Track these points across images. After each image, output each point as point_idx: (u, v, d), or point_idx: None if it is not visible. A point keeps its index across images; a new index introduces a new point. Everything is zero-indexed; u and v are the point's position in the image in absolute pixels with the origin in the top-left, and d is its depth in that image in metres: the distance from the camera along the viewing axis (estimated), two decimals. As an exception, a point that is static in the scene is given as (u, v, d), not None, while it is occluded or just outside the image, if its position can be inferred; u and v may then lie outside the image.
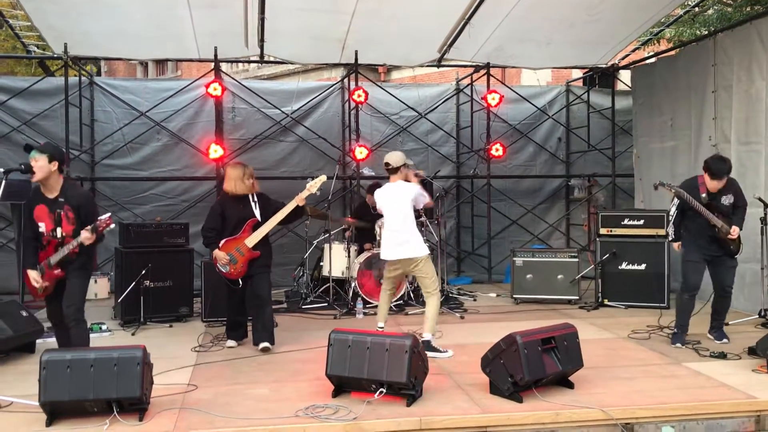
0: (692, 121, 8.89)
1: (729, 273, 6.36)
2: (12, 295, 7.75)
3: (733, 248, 6.28)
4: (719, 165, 6.11)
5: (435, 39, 9.64)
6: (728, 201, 6.23)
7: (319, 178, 6.45)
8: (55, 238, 5.12)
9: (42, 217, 5.14)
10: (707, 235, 6.21)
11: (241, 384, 5.21)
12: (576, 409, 4.55)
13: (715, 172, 6.09)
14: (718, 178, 6.10)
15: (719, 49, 8.38)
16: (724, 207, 6.22)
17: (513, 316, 7.84)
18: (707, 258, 6.29)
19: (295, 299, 8.76)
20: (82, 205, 5.15)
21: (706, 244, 6.24)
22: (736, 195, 6.27)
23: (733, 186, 6.30)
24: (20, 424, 4.33)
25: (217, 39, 9.17)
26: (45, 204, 5.14)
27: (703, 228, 6.20)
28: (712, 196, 6.19)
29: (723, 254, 6.28)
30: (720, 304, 6.46)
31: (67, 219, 5.10)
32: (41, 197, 5.16)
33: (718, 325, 6.47)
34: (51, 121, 9.75)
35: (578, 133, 11.42)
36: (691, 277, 6.29)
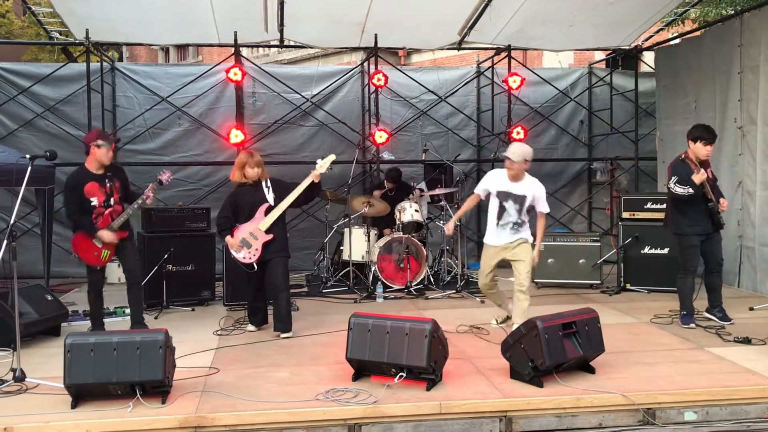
0: (717, 103, 8.74)
1: (719, 247, 6.53)
2: (37, 279, 7.86)
3: (722, 222, 6.44)
4: (708, 130, 6.38)
5: (455, 22, 9.54)
6: (711, 175, 6.40)
7: (328, 157, 6.44)
8: (108, 207, 5.98)
9: (94, 192, 5.95)
10: (705, 213, 6.32)
11: (262, 367, 5.25)
12: (597, 394, 4.53)
13: (707, 137, 6.30)
14: (711, 143, 6.31)
15: (746, 28, 8.21)
16: (710, 181, 6.37)
17: (534, 300, 7.69)
18: (702, 238, 6.40)
19: (316, 283, 8.82)
20: (122, 176, 6.19)
21: (703, 222, 6.35)
22: (713, 170, 6.49)
23: (708, 161, 6.48)
24: (46, 406, 4.41)
25: (238, 24, 9.18)
26: (95, 180, 5.98)
27: (700, 206, 6.31)
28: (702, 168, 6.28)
29: (713, 230, 6.41)
30: (714, 280, 6.53)
31: (116, 189, 6.05)
32: (90, 175, 5.98)
33: (717, 303, 6.54)
34: (73, 107, 9.84)
35: (601, 116, 11.28)
36: (694, 262, 6.42)
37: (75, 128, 9.78)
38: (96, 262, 6.05)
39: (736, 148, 8.26)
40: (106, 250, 6.01)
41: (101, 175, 6.01)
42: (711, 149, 6.35)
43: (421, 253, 8.35)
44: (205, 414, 4.25)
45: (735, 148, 8.28)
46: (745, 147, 8.17)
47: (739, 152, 8.21)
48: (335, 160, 6.52)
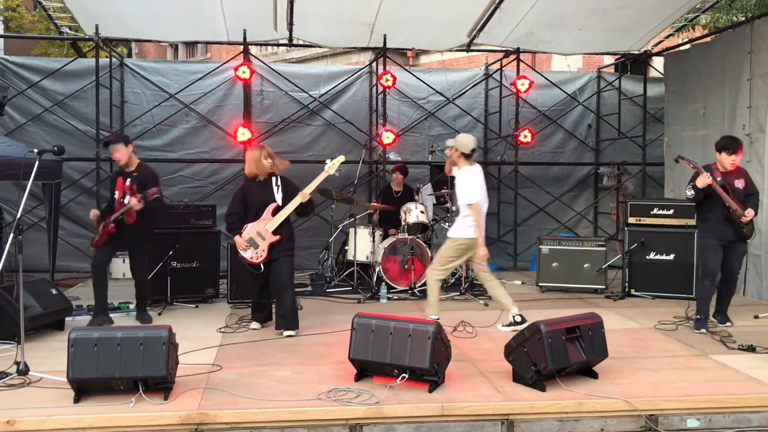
0: (726, 110, 8.71)
1: (738, 259, 6.53)
2: (42, 273, 7.88)
3: (746, 232, 6.39)
4: (733, 140, 6.39)
5: (464, 23, 9.54)
6: (741, 185, 6.38)
7: (338, 158, 6.46)
8: (122, 204, 6.30)
9: (117, 186, 6.42)
10: (723, 219, 6.30)
11: (265, 365, 5.25)
12: (599, 399, 4.51)
13: (730, 147, 6.31)
14: (735, 153, 6.30)
15: (756, 35, 8.18)
16: (738, 191, 6.34)
17: (538, 304, 7.79)
18: (723, 244, 6.38)
19: (320, 282, 8.82)
20: (146, 180, 6.38)
21: (722, 228, 6.34)
22: (747, 182, 6.45)
23: (743, 173, 6.50)
24: (49, 400, 4.41)
25: (247, 22, 9.19)
26: (122, 176, 6.46)
27: (718, 212, 6.31)
28: (727, 178, 6.32)
29: (736, 239, 6.38)
30: (727, 289, 6.59)
31: (134, 190, 6.29)
32: (120, 171, 6.52)
33: (723, 309, 6.61)
34: (82, 102, 9.88)
35: (609, 121, 11.26)
36: (711, 264, 6.40)
37: (83, 123, 9.82)
38: (91, 243, 6.68)
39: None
40: (96, 236, 6.50)
41: (128, 172, 6.46)
42: (736, 159, 6.33)
43: (426, 254, 8.35)
44: (207, 411, 4.25)
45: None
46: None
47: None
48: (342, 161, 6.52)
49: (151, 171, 6.64)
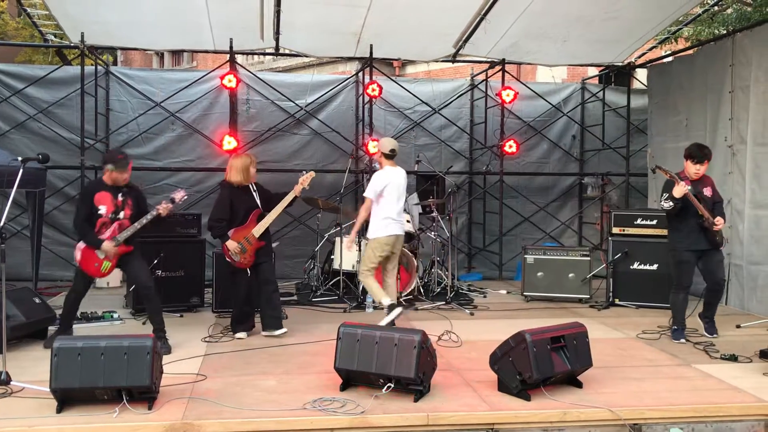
0: (708, 121, 8.82)
1: (719, 267, 6.55)
2: (25, 281, 7.82)
3: (719, 239, 6.43)
4: (700, 149, 6.44)
5: (450, 34, 9.60)
6: (708, 193, 6.47)
7: (308, 174, 6.61)
8: (116, 220, 5.96)
9: (103, 201, 5.95)
10: (696, 228, 6.35)
11: (250, 375, 5.23)
12: (584, 408, 4.54)
13: (696, 155, 6.38)
14: (700, 162, 6.38)
15: (738, 49, 8.30)
16: (707, 199, 6.42)
17: (523, 313, 7.82)
18: (698, 255, 6.44)
19: (306, 292, 8.81)
20: (138, 194, 6.22)
21: (696, 238, 6.38)
22: (714, 190, 6.55)
23: (710, 181, 6.61)
24: (31, 410, 4.37)
25: (233, 31, 9.20)
26: (108, 191, 5.98)
27: (692, 222, 6.35)
28: (696, 187, 6.36)
29: (710, 247, 6.41)
30: (713, 297, 6.61)
31: (128, 205, 6.03)
32: (104, 185, 6.01)
33: (710, 316, 6.65)
34: (67, 110, 9.82)
35: (593, 131, 11.36)
36: (684, 278, 6.47)
37: (68, 131, 9.76)
38: (96, 273, 6.03)
39: (726, 167, 8.33)
40: (107, 262, 5.96)
41: (117, 188, 6.02)
42: (701, 168, 6.40)
43: (412, 263, 8.36)
44: (191, 421, 4.23)
45: (725, 167, 8.35)
46: (734, 166, 8.24)
47: (728, 171, 8.28)
48: (328, 169, 6.60)
49: (137, 187, 6.38)
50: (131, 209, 6.03)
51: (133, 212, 6.04)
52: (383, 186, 6.64)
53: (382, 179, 6.67)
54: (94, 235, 5.89)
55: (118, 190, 6.00)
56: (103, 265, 5.96)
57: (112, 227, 5.92)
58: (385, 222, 6.66)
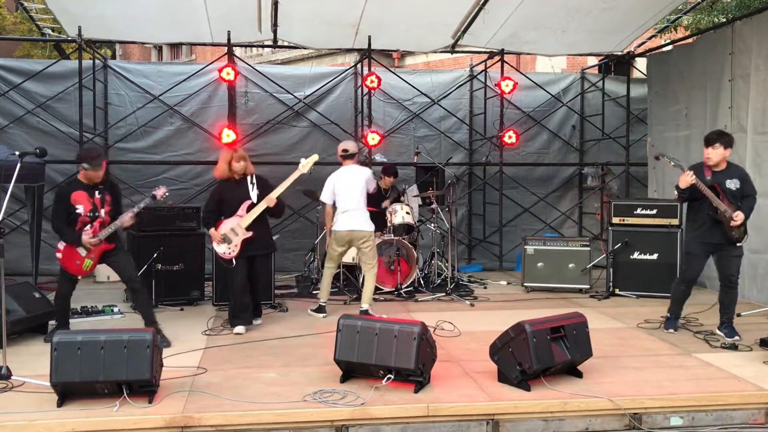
0: (708, 110, 8.79)
1: (733, 262, 6.17)
2: (25, 276, 7.82)
3: (736, 235, 6.06)
4: (714, 133, 6.22)
5: (449, 25, 9.56)
6: (734, 185, 6.08)
7: (312, 157, 6.62)
8: (96, 218, 5.89)
9: (80, 200, 5.87)
10: (709, 221, 6.06)
11: (250, 368, 5.24)
12: (584, 398, 4.54)
13: (708, 138, 6.15)
14: (710, 145, 6.09)
15: (737, 37, 8.27)
16: (730, 191, 6.07)
17: (523, 304, 7.83)
18: (710, 249, 6.19)
19: (306, 284, 8.82)
20: (115, 190, 6.13)
21: (708, 232, 6.09)
22: (743, 183, 6.14)
23: (740, 172, 6.24)
24: (32, 404, 4.38)
25: (231, 23, 9.15)
26: (84, 190, 5.90)
27: (705, 214, 6.07)
28: (717, 178, 6.08)
29: (725, 242, 6.09)
30: (726, 295, 6.25)
31: (106, 202, 5.95)
32: (79, 184, 5.94)
33: (727, 320, 6.23)
34: (65, 104, 9.80)
35: (593, 121, 11.33)
36: (690, 270, 6.32)
37: (66, 125, 9.74)
38: (78, 271, 5.95)
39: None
40: (88, 260, 5.90)
41: (92, 186, 5.93)
42: (712, 152, 6.06)
43: (412, 255, 8.36)
44: (191, 414, 4.23)
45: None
46: (734, 154, 8.18)
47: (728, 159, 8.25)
48: (327, 161, 6.57)
49: (114, 183, 6.40)
50: (110, 205, 5.97)
51: (112, 208, 5.98)
52: (331, 186, 7.16)
53: (329, 181, 7.21)
54: (73, 233, 5.83)
55: (94, 188, 5.92)
56: (85, 263, 5.90)
57: (93, 225, 5.87)
58: (340, 217, 7.08)
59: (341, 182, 7.11)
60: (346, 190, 7.07)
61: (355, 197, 7.06)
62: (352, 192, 7.07)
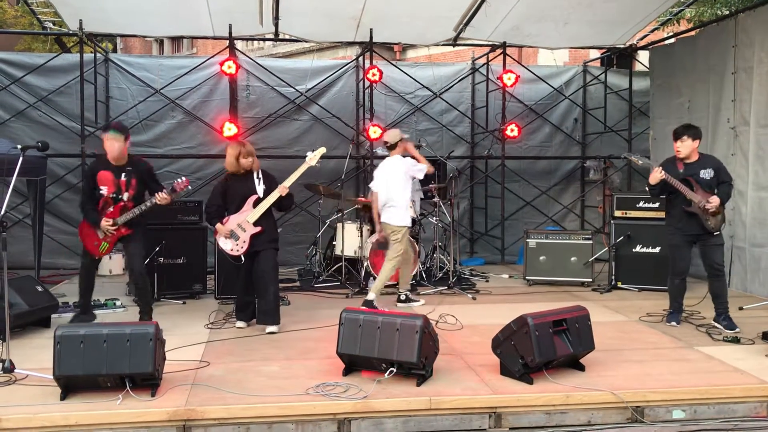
0: (710, 103, 8.77)
1: (716, 251, 6.25)
2: (28, 270, 7.83)
3: (711, 224, 6.14)
4: (682, 127, 6.31)
5: (451, 17, 9.54)
6: (708, 175, 6.20)
7: (319, 150, 6.53)
8: (118, 201, 5.97)
9: (105, 181, 5.96)
10: (685, 213, 6.20)
11: (253, 361, 5.25)
12: (586, 391, 4.54)
13: (675, 133, 6.26)
14: (678, 138, 6.21)
15: (740, 29, 8.23)
16: (705, 180, 6.19)
17: (525, 297, 7.83)
18: (690, 239, 6.31)
19: (308, 278, 8.82)
20: (144, 174, 6.09)
21: (686, 223, 6.24)
22: (717, 171, 6.25)
23: (714, 162, 6.36)
24: (36, 397, 4.39)
25: (232, 16, 9.15)
26: (110, 170, 5.98)
27: (679, 207, 6.23)
28: (690, 169, 6.21)
29: (704, 232, 6.19)
30: (714, 285, 6.30)
31: (132, 186, 5.99)
32: (106, 164, 6.00)
33: (723, 310, 6.26)
34: (66, 98, 9.81)
35: (595, 114, 11.31)
36: (677, 262, 6.38)
37: (68, 119, 9.74)
38: (94, 251, 6.09)
39: (729, 149, 8.29)
40: (105, 242, 6.02)
41: (118, 167, 6.01)
42: (680, 146, 6.17)
43: (414, 248, 8.35)
44: (194, 407, 4.24)
45: (728, 149, 8.31)
46: (737, 147, 8.20)
47: (731, 152, 8.24)
48: (329, 155, 6.56)
49: (147, 165, 6.30)
50: (134, 189, 6.02)
51: (137, 192, 6.04)
52: (376, 176, 7.26)
53: (377, 171, 7.31)
54: (94, 213, 5.97)
55: (121, 170, 5.99)
56: (102, 245, 6.04)
57: (114, 208, 5.96)
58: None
59: (381, 174, 7.20)
60: (383, 183, 7.14)
61: (391, 190, 7.09)
62: (387, 184, 7.11)
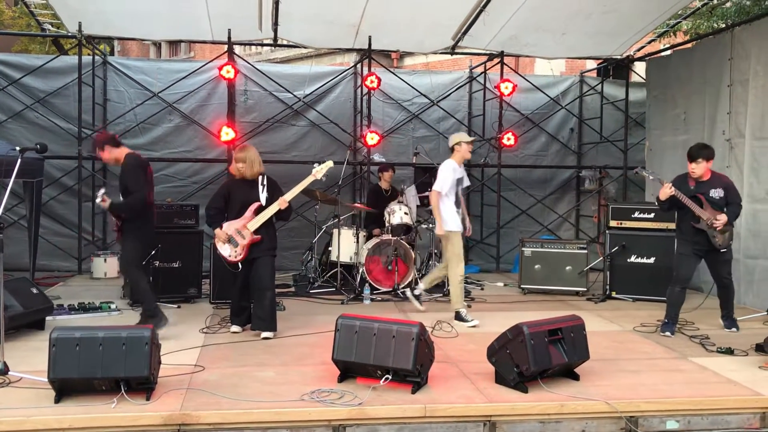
0: (706, 115, 8.82)
1: (724, 265, 6.53)
2: (23, 272, 7.81)
3: (719, 242, 6.33)
4: (697, 148, 6.39)
5: (449, 26, 9.58)
6: (717, 195, 6.36)
7: (326, 163, 6.44)
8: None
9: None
10: (693, 229, 6.35)
11: (248, 366, 5.24)
12: (581, 400, 4.55)
13: (691, 154, 6.36)
14: (693, 160, 6.33)
15: (736, 42, 8.30)
16: (715, 200, 6.34)
17: (520, 306, 7.84)
18: (698, 253, 6.45)
19: (303, 283, 8.81)
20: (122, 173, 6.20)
21: (694, 238, 6.39)
22: (728, 191, 6.41)
23: (723, 182, 6.48)
24: (30, 400, 4.37)
25: (231, 21, 9.17)
26: None
27: (687, 223, 6.39)
28: (700, 187, 6.35)
29: (711, 249, 6.38)
30: (722, 293, 6.65)
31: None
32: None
33: (728, 313, 6.67)
34: (64, 100, 9.80)
35: (591, 124, 11.37)
36: (682, 271, 6.48)
37: (65, 121, 9.74)
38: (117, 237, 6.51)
39: (724, 161, 8.33)
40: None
41: None
42: (696, 167, 6.33)
43: (410, 255, 8.37)
44: (189, 411, 4.23)
45: (723, 161, 8.35)
46: (732, 160, 8.25)
47: (726, 165, 8.28)
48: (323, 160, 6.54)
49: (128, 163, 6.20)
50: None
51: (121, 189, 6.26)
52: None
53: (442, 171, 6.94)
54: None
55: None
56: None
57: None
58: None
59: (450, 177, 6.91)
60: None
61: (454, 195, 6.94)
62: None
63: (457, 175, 6.90)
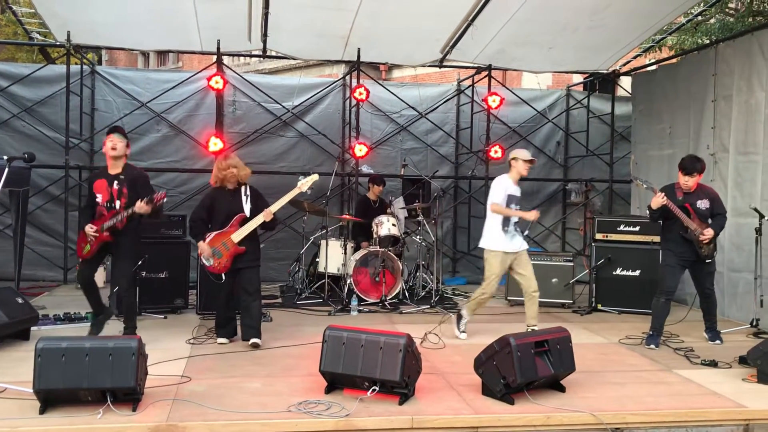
0: (691, 130, 8.93)
1: (707, 277, 6.67)
2: (8, 281, 7.76)
3: (705, 252, 6.48)
4: (692, 161, 6.47)
5: (438, 39, 9.65)
6: (704, 206, 6.49)
7: (311, 176, 6.43)
8: (111, 209, 5.97)
9: (100, 189, 6.02)
10: (681, 239, 6.44)
11: (235, 377, 5.23)
12: (566, 412, 4.58)
13: (686, 167, 6.43)
14: (689, 174, 6.41)
15: (720, 58, 8.42)
16: (701, 211, 6.47)
17: (507, 318, 7.87)
18: (684, 263, 6.55)
19: (290, 294, 8.80)
20: (136, 181, 6.05)
21: (680, 248, 6.48)
22: (713, 202, 6.55)
23: (709, 193, 6.61)
24: (13, 411, 4.34)
25: (220, 32, 9.17)
26: (105, 179, 6.05)
27: (676, 233, 6.47)
28: (688, 198, 6.47)
29: (697, 259, 6.50)
30: (705, 304, 6.76)
31: (124, 195, 5.97)
32: (102, 173, 6.10)
33: (711, 325, 6.78)
34: (51, 109, 9.76)
35: (577, 138, 11.45)
36: (667, 281, 6.56)
37: (52, 130, 9.69)
38: (79, 253, 6.20)
39: (708, 175, 8.39)
40: (88, 245, 6.03)
41: (113, 175, 6.05)
42: (690, 180, 6.43)
43: (397, 267, 8.39)
44: (176, 423, 4.22)
45: (707, 175, 8.38)
46: (716, 174, 8.34)
47: (711, 179, 8.37)
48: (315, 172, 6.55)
49: (140, 172, 6.27)
50: (126, 197, 5.97)
51: (129, 200, 5.96)
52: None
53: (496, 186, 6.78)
54: (84, 219, 6.08)
55: (115, 178, 6.01)
56: (85, 248, 6.08)
57: (105, 215, 5.98)
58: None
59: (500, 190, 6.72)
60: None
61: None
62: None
63: (510, 192, 6.63)
